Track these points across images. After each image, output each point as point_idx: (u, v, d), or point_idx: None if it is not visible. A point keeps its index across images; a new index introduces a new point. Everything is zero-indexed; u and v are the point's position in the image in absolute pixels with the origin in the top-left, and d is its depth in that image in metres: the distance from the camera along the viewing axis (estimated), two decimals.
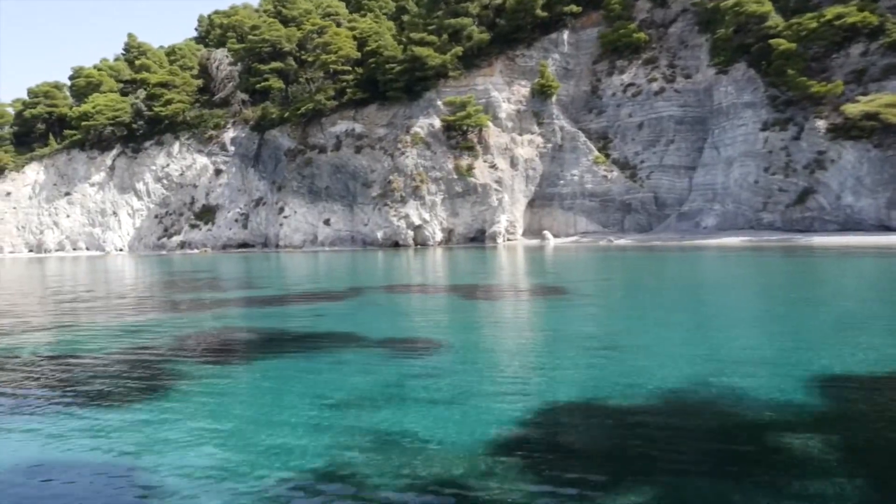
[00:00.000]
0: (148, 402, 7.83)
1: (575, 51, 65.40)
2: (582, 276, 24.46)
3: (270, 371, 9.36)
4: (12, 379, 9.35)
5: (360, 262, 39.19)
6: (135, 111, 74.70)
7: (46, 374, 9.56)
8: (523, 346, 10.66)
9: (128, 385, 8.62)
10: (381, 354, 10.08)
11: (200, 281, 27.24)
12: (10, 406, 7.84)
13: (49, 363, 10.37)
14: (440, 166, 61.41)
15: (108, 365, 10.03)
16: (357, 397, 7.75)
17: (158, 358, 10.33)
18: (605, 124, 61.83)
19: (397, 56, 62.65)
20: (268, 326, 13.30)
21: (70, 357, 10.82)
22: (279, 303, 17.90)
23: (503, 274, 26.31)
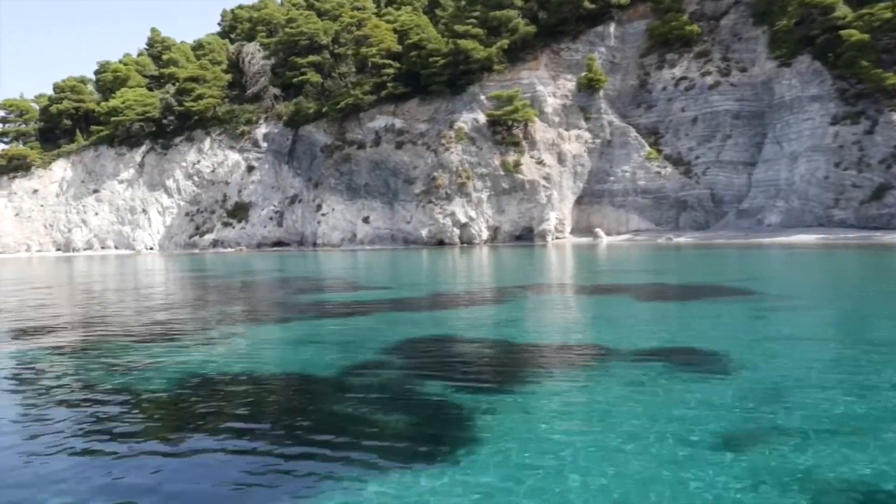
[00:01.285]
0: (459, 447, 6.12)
1: (621, 44, 63.72)
2: (719, 274, 22.73)
3: (591, 390, 7.67)
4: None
5: (430, 261, 37.46)
6: (164, 106, 72.90)
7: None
8: (826, 358, 8.95)
9: (426, 431, 6.74)
10: (672, 368, 8.37)
11: (294, 282, 25.51)
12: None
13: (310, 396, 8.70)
14: (486, 162, 59.70)
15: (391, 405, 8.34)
16: (730, 428, 6.02)
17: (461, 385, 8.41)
18: (656, 119, 60.14)
19: (441, 49, 60.89)
20: (494, 336, 11.54)
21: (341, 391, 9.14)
22: (444, 306, 16.12)
23: (627, 272, 24.55)
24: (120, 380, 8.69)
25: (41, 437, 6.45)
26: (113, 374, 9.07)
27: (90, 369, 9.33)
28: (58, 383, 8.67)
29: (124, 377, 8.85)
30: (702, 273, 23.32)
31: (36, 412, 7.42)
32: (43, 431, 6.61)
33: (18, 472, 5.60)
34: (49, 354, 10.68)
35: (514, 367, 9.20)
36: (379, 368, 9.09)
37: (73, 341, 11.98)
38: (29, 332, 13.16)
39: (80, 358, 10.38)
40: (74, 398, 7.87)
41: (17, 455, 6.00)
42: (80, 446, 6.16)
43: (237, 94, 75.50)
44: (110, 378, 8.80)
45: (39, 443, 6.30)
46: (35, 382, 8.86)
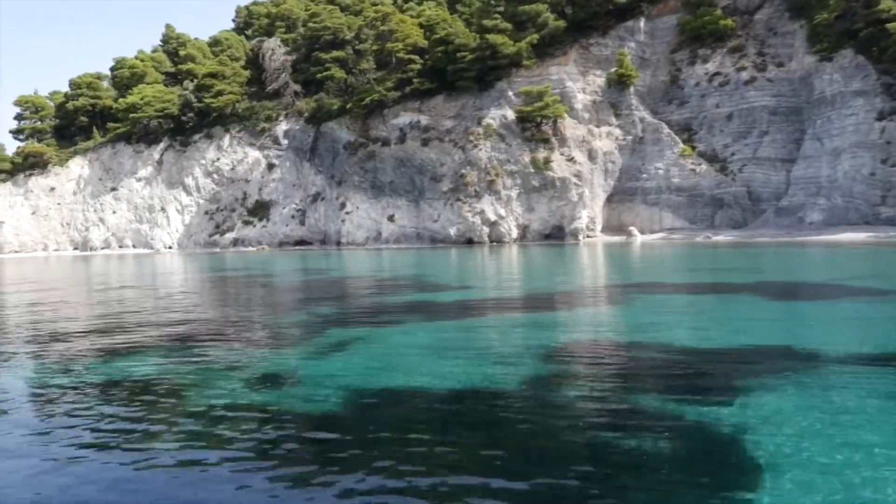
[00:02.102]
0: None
1: (650, 39, 62.63)
2: (827, 272, 21.59)
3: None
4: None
5: (476, 260, 36.31)
6: (183, 103, 71.77)
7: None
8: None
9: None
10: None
11: (361, 281, 24.35)
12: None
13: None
14: (515, 159, 58.56)
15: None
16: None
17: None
18: (688, 115, 59.01)
19: (469, 44, 59.74)
20: (655, 340, 10.41)
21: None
22: (558, 307, 14.94)
23: (710, 271, 23.35)
24: (257, 398, 7.57)
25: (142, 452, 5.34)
26: (252, 392, 7.95)
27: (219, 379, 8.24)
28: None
29: (253, 392, 7.74)
30: (800, 271, 22.20)
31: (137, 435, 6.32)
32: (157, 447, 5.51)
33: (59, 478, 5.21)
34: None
35: (714, 374, 8.06)
36: (563, 381, 7.95)
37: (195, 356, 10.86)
38: (117, 351, 12.03)
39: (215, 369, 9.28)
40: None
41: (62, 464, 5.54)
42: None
43: (255, 91, 74.40)
44: (250, 396, 7.68)
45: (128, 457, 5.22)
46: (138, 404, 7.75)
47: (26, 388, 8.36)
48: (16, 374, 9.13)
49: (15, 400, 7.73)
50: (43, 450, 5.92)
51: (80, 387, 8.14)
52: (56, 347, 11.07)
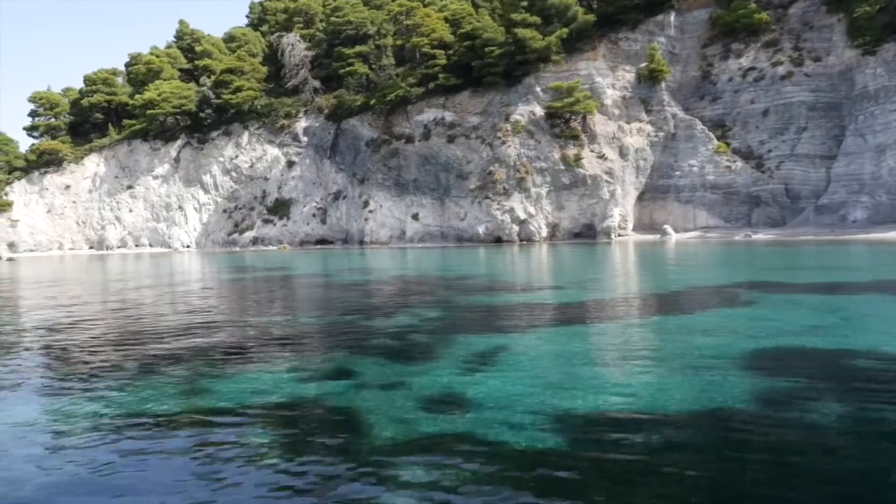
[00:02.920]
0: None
1: (680, 34, 61.33)
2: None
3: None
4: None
5: (526, 259, 34.99)
6: (201, 99, 70.46)
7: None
8: None
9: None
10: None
11: (433, 281, 23.00)
12: None
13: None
14: (545, 156, 57.28)
15: None
16: None
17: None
18: (721, 111, 57.71)
19: (497, 39, 58.41)
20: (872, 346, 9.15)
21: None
22: (692, 305, 13.79)
23: (789, 270, 22.14)
24: (440, 427, 6.27)
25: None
26: (432, 419, 6.66)
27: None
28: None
29: (433, 420, 6.44)
30: (869, 270, 20.91)
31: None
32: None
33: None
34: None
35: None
36: (792, 394, 6.64)
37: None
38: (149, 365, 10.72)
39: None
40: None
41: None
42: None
43: (273, 87, 73.09)
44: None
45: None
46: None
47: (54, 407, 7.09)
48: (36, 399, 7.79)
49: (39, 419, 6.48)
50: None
51: (149, 418, 6.88)
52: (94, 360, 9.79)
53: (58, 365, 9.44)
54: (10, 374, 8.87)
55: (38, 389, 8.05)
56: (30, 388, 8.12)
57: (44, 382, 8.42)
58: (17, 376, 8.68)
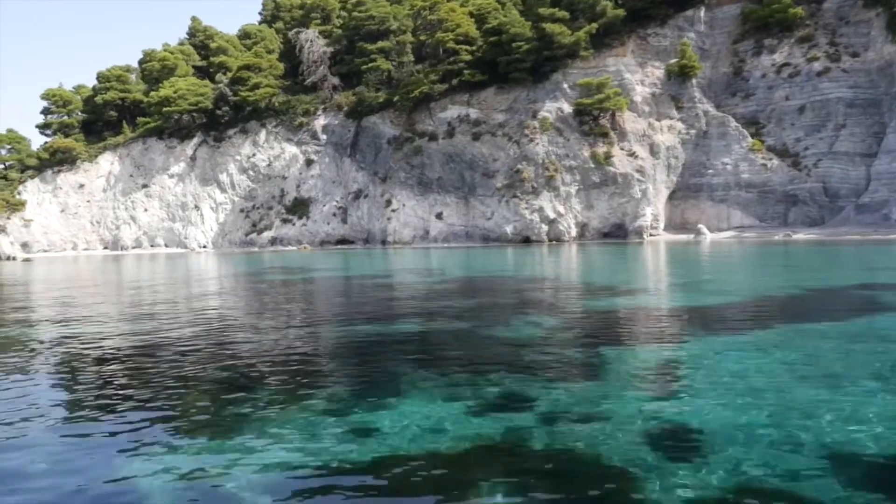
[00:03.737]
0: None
1: (710, 30, 60.08)
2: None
3: None
4: None
5: (574, 259, 33.66)
6: (218, 96, 69.07)
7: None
8: None
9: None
10: None
11: (511, 284, 21.66)
12: None
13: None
14: (574, 154, 55.98)
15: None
16: None
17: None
18: (755, 108, 56.43)
19: (525, 34, 57.08)
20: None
21: None
22: (855, 311, 12.50)
23: (880, 271, 20.85)
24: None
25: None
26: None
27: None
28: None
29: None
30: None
31: None
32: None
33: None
34: None
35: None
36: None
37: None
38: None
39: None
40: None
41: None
42: None
43: (290, 84, 71.69)
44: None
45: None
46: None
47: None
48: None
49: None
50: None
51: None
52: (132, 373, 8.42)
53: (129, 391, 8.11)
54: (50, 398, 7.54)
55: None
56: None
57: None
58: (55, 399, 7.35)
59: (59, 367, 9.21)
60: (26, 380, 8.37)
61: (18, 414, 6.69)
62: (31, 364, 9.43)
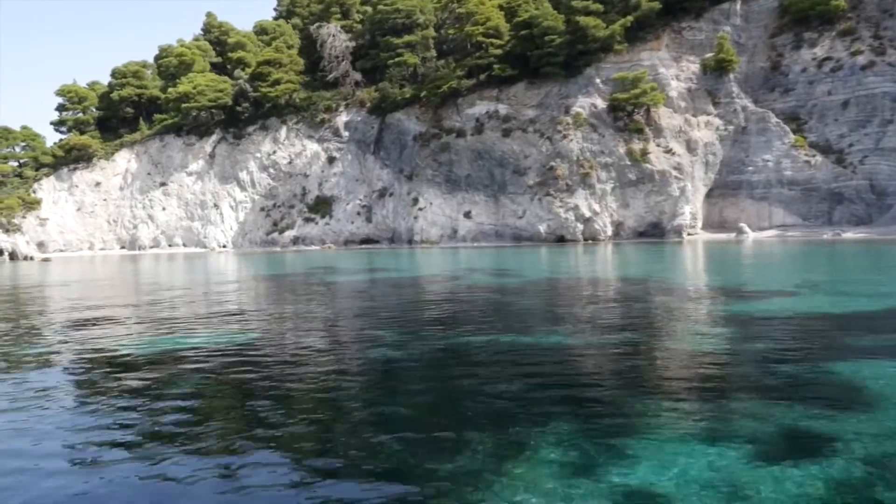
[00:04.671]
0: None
1: (746, 23, 58.48)
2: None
3: None
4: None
5: (638, 258, 32.06)
6: (238, 92, 67.45)
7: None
8: None
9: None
10: None
11: (598, 285, 20.07)
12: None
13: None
14: (609, 151, 54.40)
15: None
16: None
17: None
18: (795, 104, 54.81)
19: (557, 27, 55.49)
20: None
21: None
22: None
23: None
24: None
25: None
26: None
27: None
28: None
29: None
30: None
31: None
32: None
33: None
34: None
35: None
36: None
37: None
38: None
39: None
40: None
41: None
42: None
43: (309, 80, 70.08)
44: None
45: None
46: None
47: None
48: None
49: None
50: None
51: None
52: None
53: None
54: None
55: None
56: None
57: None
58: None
59: (140, 389, 7.61)
60: (104, 401, 6.78)
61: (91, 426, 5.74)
62: (98, 383, 7.83)
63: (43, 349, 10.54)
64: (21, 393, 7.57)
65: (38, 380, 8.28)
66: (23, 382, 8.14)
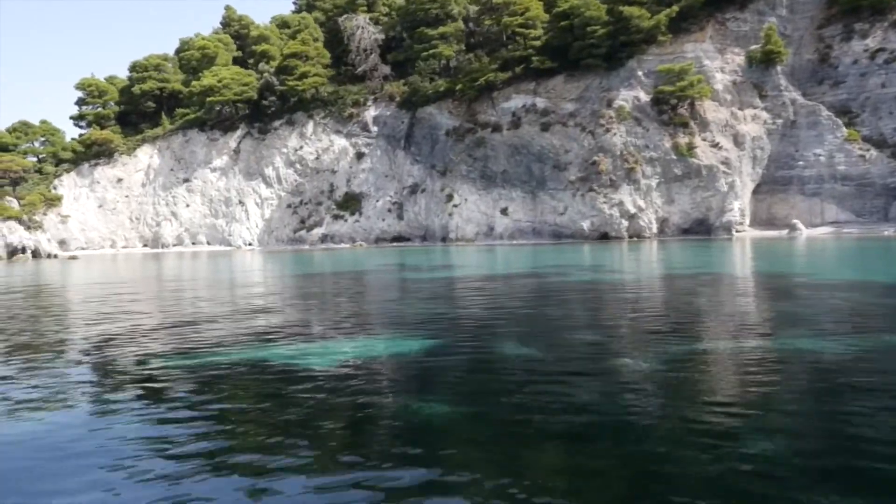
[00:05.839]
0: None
1: (791, 14, 56.72)
2: None
3: None
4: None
5: (733, 255, 30.31)
6: (263, 86, 65.61)
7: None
8: None
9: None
10: None
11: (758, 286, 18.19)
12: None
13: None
14: (654, 145, 52.66)
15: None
16: None
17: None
18: (846, 97, 53.08)
19: (600, 17, 53.72)
20: None
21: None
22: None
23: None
24: None
25: None
26: None
27: None
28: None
29: None
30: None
31: None
32: None
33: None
34: None
35: None
36: None
37: None
38: None
39: None
40: None
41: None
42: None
43: (334, 74, 68.24)
44: None
45: None
46: None
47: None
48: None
49: None
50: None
51: None
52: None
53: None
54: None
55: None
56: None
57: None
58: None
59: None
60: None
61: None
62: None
63: (99, 359, 8.75)
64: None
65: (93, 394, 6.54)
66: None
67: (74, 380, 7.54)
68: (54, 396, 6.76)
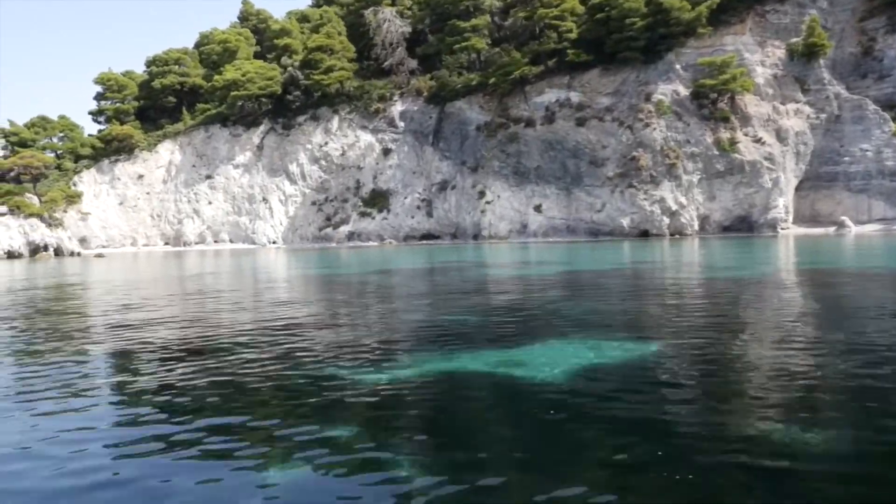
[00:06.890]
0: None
1: (832, 7, 55.38)
2: None
3: None
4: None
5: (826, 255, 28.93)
6: (287, 80, 64.18)
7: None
8: None
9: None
10: None
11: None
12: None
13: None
14: (696, 140, 51.33)
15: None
16: None
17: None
18: (891, 91, 51.82)
19: (639, 9, 52.38)
20: None
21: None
22: None
23: None
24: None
25: None
26: None
27: None
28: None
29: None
30: None
31: None
32: None
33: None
34: None
35: None
36: None
37: None
38: None
39: None
40: None
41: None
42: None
43: (358, 69, 66.78)
44: None
45: None
46: None
47: None
48: None
49: None
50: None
51: None
52: None
53: None
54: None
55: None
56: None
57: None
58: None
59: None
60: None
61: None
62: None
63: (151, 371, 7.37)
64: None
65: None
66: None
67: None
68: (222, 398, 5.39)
